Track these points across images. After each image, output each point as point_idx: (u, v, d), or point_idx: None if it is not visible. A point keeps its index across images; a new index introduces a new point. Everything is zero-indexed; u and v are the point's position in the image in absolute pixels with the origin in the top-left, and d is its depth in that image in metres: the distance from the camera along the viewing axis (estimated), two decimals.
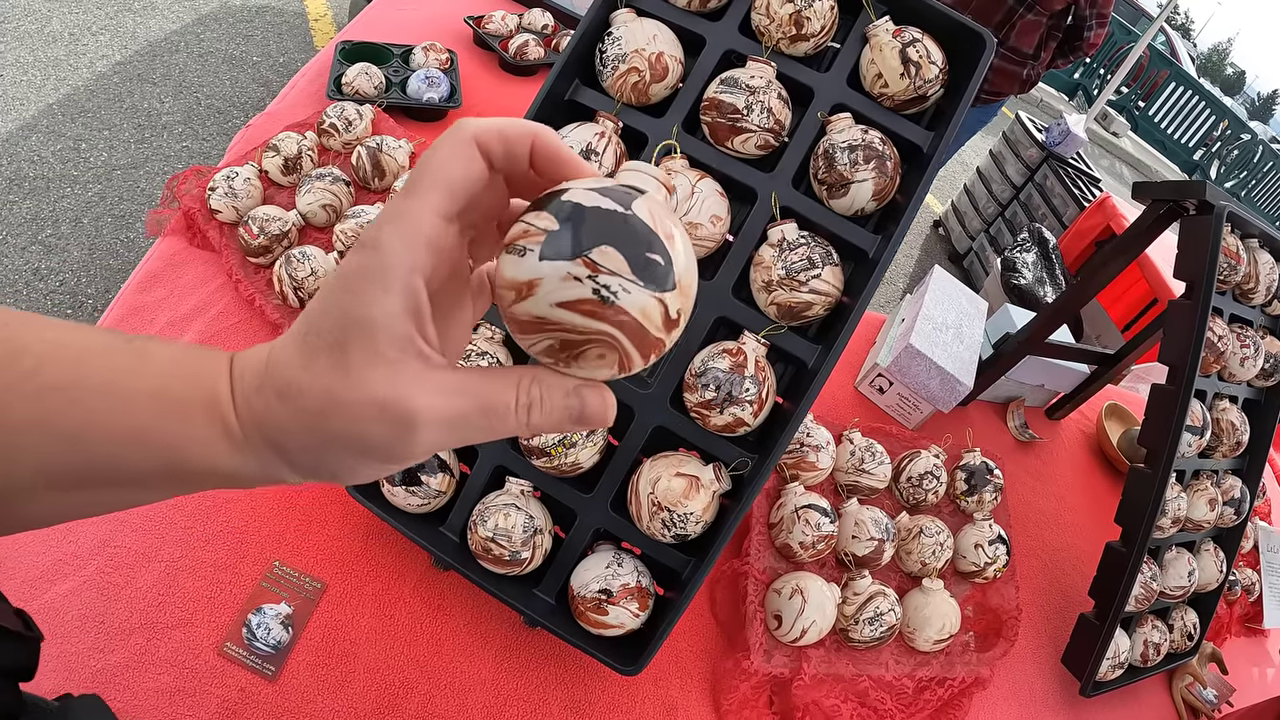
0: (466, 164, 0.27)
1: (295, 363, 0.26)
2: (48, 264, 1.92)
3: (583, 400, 0.29)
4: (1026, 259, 2.10)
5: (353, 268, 0.25)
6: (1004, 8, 2.18)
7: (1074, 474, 1.32)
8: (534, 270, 0.26)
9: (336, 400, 0.25)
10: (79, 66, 2.43)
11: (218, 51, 2.75)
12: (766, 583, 0.88)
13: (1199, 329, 0.95)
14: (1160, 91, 7.15)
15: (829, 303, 0.68)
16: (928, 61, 0.69)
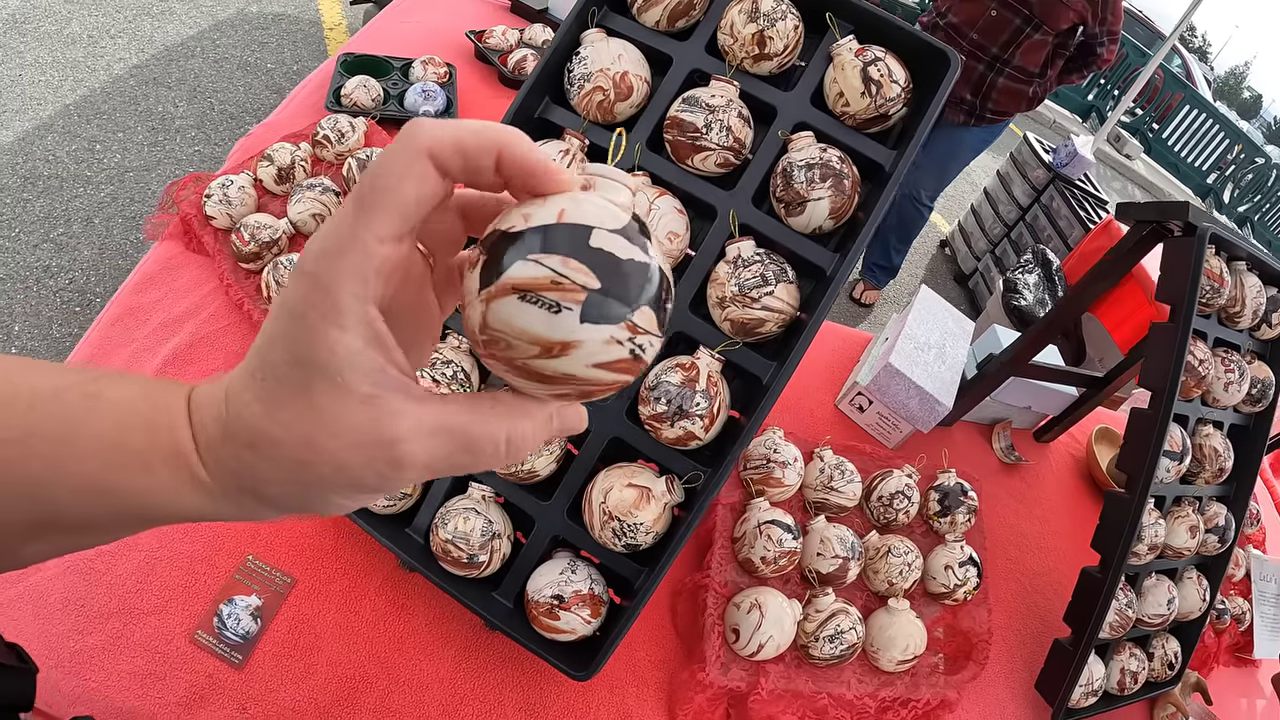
0: (418, 184, 0.25)
1: (257, 410, 0.25)
2: (58, 262, 2.01)
3: (562, 420, 0.30)
4: (1028, 280, 2.11)
5: (300, 304, 0.24)
6: (1010, 28, 2.23)
7: (1060, 498, 1.33)
8: (573, 332, 0.25)
9: (317, 448, 0.25)
10: (96, 69, 2.54)
11: (232, 58, 2.85)
12: (727, 596, 0.91)
13: (1179, 352, 0.96)
14: (1174, 114, 7.18)
15: (783, 319, 0.72)
16: (889, 80, 0.72)
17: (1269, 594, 1.32)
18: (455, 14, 1.87)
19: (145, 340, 1.05)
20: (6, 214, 2.04)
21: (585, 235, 0.25)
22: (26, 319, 1.87)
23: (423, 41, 1.69)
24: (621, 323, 0.25)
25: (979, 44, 2.34)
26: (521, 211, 0.26)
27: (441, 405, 0.26)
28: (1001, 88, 2.37)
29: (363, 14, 3.13)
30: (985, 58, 2.34)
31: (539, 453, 0.75)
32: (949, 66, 0.71)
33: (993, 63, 2.35)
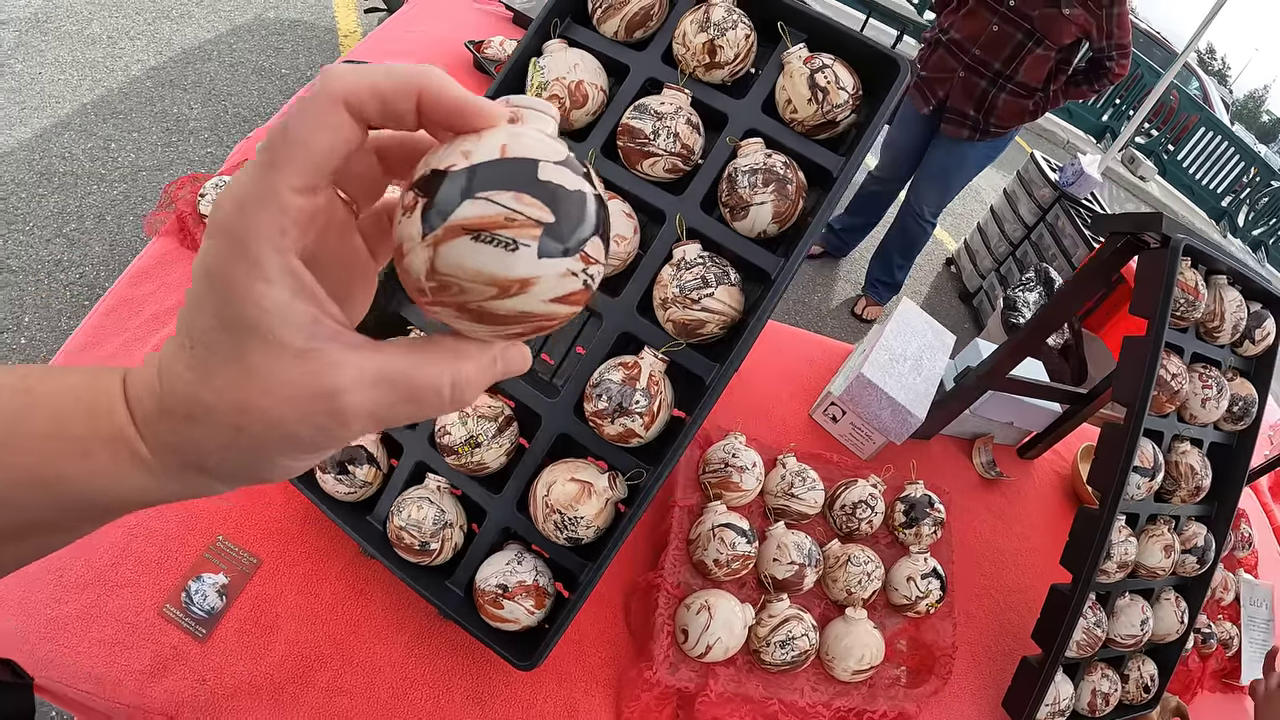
0: (332, 132, 0.25)
1: (188, 378, 0.25)
2: (70, 256, 2.11)
3: (507, 362, 0.30)
4: (1029, 299, 2.13)
5: (218, 263, 0.24)
6: (1012, 43, 2.28)
7: (1042, 515, 1.35)
8: (532, 269, 0.25)
9: (252, 410, 0.25)
10: (115, 69, 2.68)
11: (248, 62, 2.98)
12: (679, 597, 0.95)
13: (1150, 366, 0.98)
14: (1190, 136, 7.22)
15: (724, 321, 0.76)
16: (835, 87, 0.76)
17: (1259, 619, 1.32)
18: (458, 24, 1.95)
19: (137, 330, 1.12)
20: (21, 208, 2.16)
21: (533, 169, 0.25)
22: (36, 310, 1.97)
23: (425, 50, 1.78)
24: (577, 254, 0.26)
25: (981, 60, 2.39)
26: (459, 149, 0.26)
27: (381, 352, 0.26)
28: (1004, 103, 2.43)
29: (376, 21, 3.26)
30: (987, 73, 2.39)
31: (489, 445, 0.80)
32: (898, 73, 0.75)
33: (995, 78, 2.40)
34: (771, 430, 1.25)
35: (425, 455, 0.87)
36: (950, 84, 2.50)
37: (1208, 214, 7.30)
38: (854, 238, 3.34)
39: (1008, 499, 1.35)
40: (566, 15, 0.85)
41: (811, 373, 1.37)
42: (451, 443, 0.81)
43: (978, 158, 2.63)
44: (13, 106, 2.41)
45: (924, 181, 2.79)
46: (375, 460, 0.88)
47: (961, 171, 2.70)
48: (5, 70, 2.51)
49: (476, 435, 0.80)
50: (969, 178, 2.75)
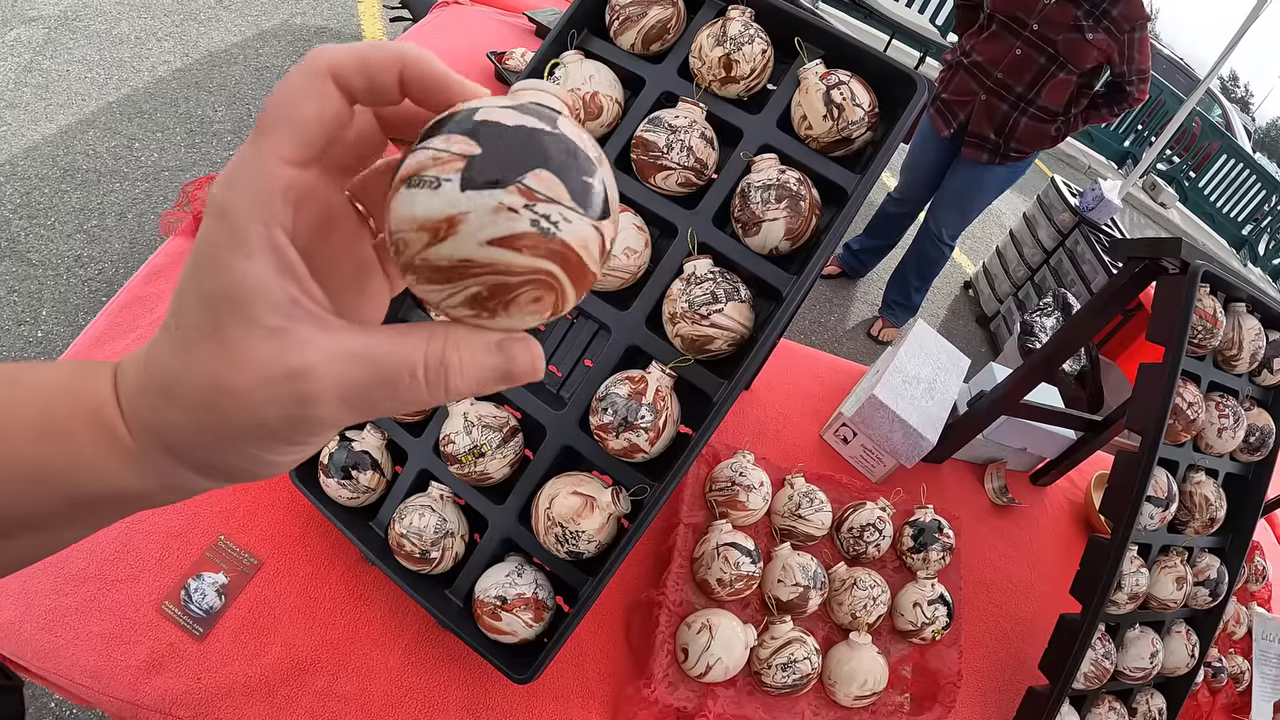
0: (320, 102, 0.25)
1: (169, 355, 0.24)
2: (89, 252, 2.14)
3: (509, 355, 0.27)
4: (1045, 324, 2.12)
5: (205, 239, 0.24)
6: (1035, 67, 2.29)
7: (1054, 543, 1.33)
8: (455, 203, 0.23)
9: (222, 388, 0.24)
10: (141, 69, 2.72)
11: (274, 67, 3.03)
12: (681, 616, 0.94)
13: (1165, 394, 0.97)
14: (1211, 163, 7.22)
15: (733, 338, 0.76)
16: (851, 104, 0.76)
17: (1271, 654, 1.29)
18: (481, 35, 1.97)
19: (149, 328, 1.13)
20: (44, 203, 2.20)
21: (471, 114, 0.25)
22: (54, 305, 2.00)
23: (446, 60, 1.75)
24: (510, 186, 0.23)
25: (1003, 83, 2.39)
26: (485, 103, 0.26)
27: (357, 334, 0.25)
28: (1025, 127, 2.42)
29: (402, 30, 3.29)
30: (1009, 97, 2.39)
31: (493, 455, 0.80)
32: (915, 91, 0.75)
33: (1017, 102, 2.40)
34: (781, 449, 1.24)
35: (429, 463, 0.87)
36: (971, 107, 2.50)
37: (1228, 242, 7.29)
38: (872, 259, 3.33)
39: (1019, 526, 1.33)
40: (584, 27, 0.85)
41: (824, 393, 1.36)
42: (455, 451, 0.81)
43: (997, 181, 2.63)
44: (39, 103, 2.45)
45: (943, 204, 2.79)
46: (379, 466, 0.88)
47: (981, 195, 2.70)
48: (33, 67, 2.56)
49: (480, 445, 0.80)
50: (988, 201, 2.74)
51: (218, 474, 0.27)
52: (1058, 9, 2.22)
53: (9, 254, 2.06)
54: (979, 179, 2.62)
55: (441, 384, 0.26)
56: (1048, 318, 2.17)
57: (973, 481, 1.35)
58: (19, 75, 2.51)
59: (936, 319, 3.63)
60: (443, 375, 0.26)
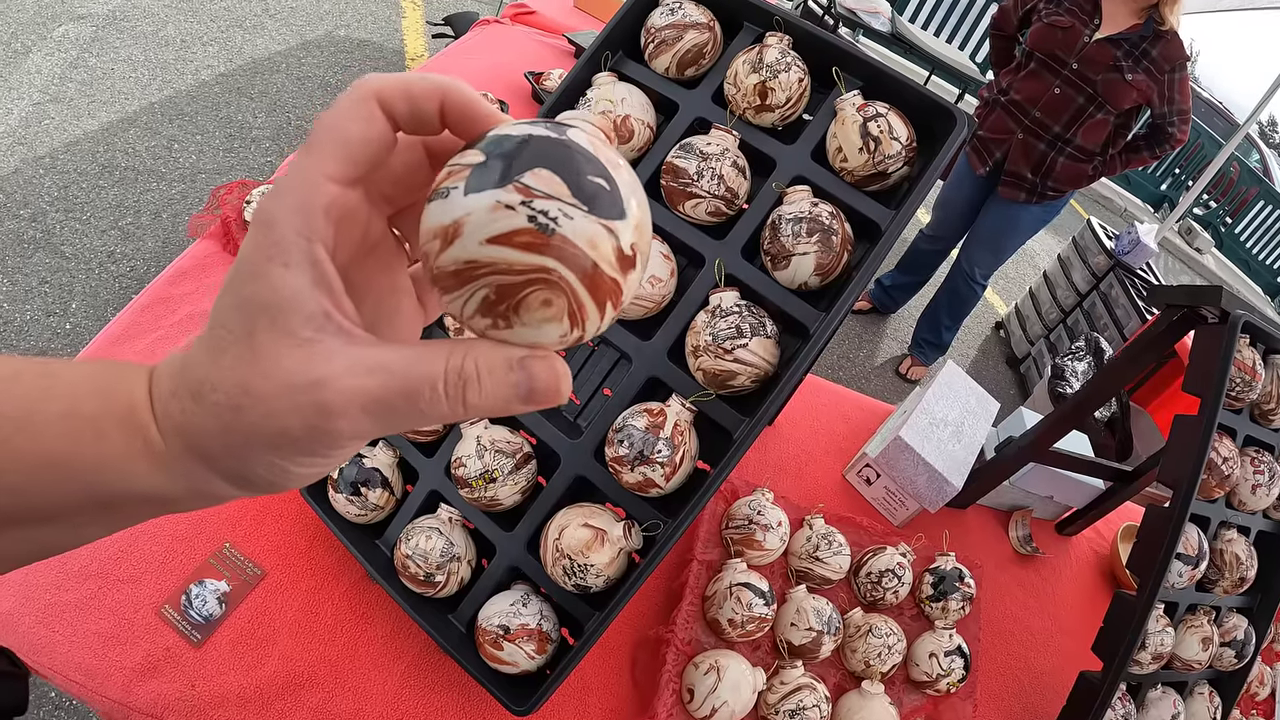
0: (365, 123, 0.26)
1: (203, 359, 0.25)
2: (123, 249, 2.17)
3: (530, 373, 0.26)
4: (1077, 368, 2.06)
5: (249, 249, 0.25)
6: (1073, 107, 2.26)
7: (1077, 596, 1.28)
8: (459, 208, 0.24)
9: (250, 392, 0.24)
10: (185, 72, 2.78)
11: (315, 77, 3.07)
12: (689, 655, 0.91)
13: (1200, 448, 0.93)
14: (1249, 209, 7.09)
15: (756, 374, 0.73)
16: (889, 137, 0.74)
17: None
18: (521, 54, 1.98)
19: (169, 330, 1.13)
20: (81, 198, 2.23)
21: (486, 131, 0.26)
22: (84, 299, 2.02)
23: (484, 77, 1.80)
24: (508, 185, 0.23)
25: (1041, 122, 2.35)
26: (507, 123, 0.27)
27: (381, 347, 0.25)
28: (1062, 166, 2.39)
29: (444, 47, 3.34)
30: (1047, 136, 2.35)
31: (504, 481, 0.78)
32: (955, 125, 0.72)
33: (1054, 141, 2.36)
34: (802, 487, 1.21)
35: (440, 485, 0.85)
36: (1008, 145, 2.46)
37: (1264, 290, 7.15)
38: (903, 295, 3.28)
39: (1042, 576, 1.28)
40: (619, 48, 0.84)
41: (849, 431, 1.33)
42: (466, 475, 0.79)
43: (1032, 221, 2.59)
44: (83, 99, 2.50)
45: (976, 242, 2.76)
46: (389, 484, 0.87)
47: (1015, 234, 2.67)
48: (79, 64, 2.62)
49: (492, 470, 0.78)
50: (1023, 240, 2.71)
51: (244, 482, 0.27)
52: (1097, 49, 2.19)
53: (43, 245, 2.09)
54: (1014, 218, 2.58)
55: (460, 398, 0.26)
56: (1079, 362, 2.11)
57: (996, 528, 1.31)
58: (65, 71, 2.57)
59: (966, 359, 3.57)
60: (461, 388, 0.25)
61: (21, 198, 2.17)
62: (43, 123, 2.37)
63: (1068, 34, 2.23)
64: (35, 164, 2.26)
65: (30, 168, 2.24)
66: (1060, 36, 2.24)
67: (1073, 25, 2.22)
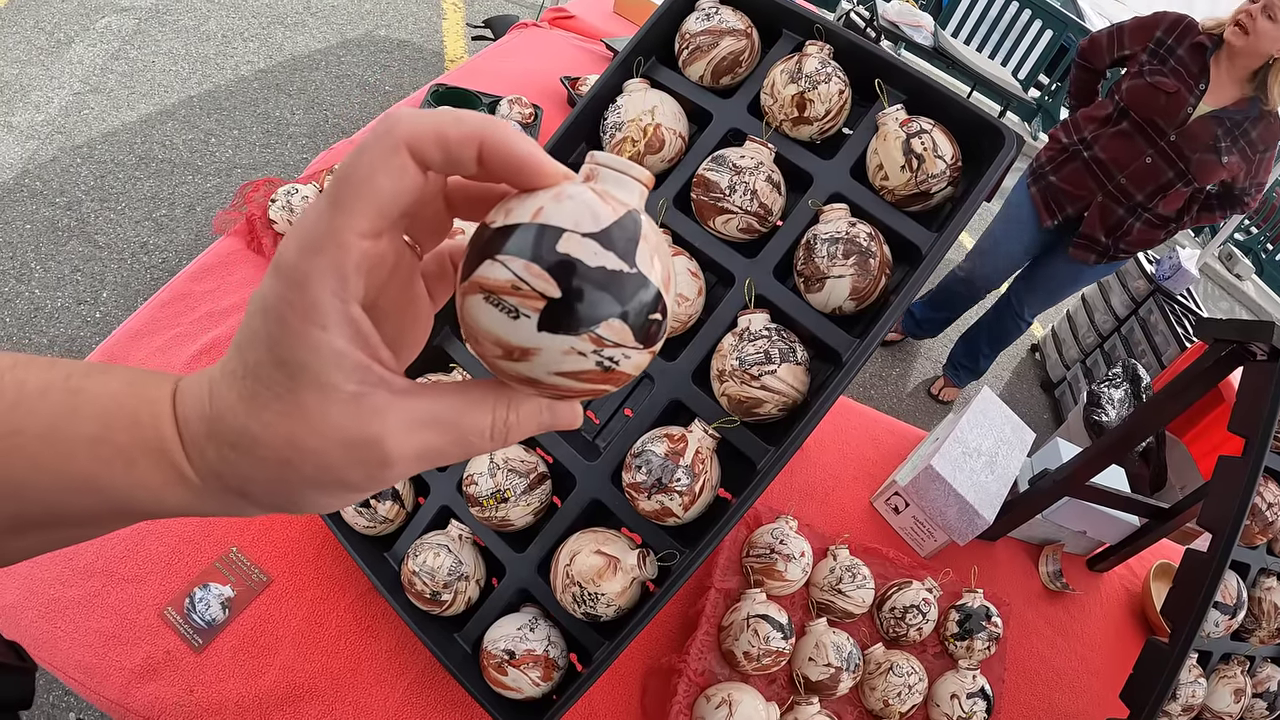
0: (396, 177, 0.24)
1: (239, 410, 0.25)
2: (156, 240, 2.18)
3: (556, 415, 0.30)
4: (1114, 395, 1.97)
5: (278, 304, 0.24)
6: (1163, 179, 2.10)
7: (1106, 636, 1.22)
8: (530, 340, 0.25)
9: (301, 447, 0.25)
10: (224, 67, 2.79)
11: (354, 75, 3.07)
12: (701, 686, 0.87)
13: (1245, 492, 0.87)
14: None
15: (784, 402, 0.69)
16: (933, 155, 0.69)
17: None
18: (557, 58, 1.95)
19: (188, 327, 1.12)
20: (117, 188, 2.24)
21: (555, 239, 0.24)
22: (115, 288, 2.03)
23: (520, 80, 1.77)
24: (583, 334, 0.25)
25: (1124, 189, 2.17)
26: (505, 207, 0.26)
27: (427, 398, 0.27)
28: (1138, 232, 2.24)
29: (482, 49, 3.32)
30: (1127, 203, 2.19)
31: (516, 502, 0.75)
32: (1004, 145, 0.68)
33: (1134, 208, 2.20)
34: (828, 514, 1.16)
35: (451, 500, 0.82)
36: (1084, 204, 2.28)
37: None
38: (934, 329, 3.08)
39: (1070, 614, 1.22)
40: (652, 54, 0.81)
41: (878, 456, 1.28)
42: (478, 494, 0.75)
43: (1095, 275, 2.45)
44: (123, 90, 2.52)
45: (1030, 290, 2.59)
46: (400, 498, 0.84)
47: (1075, 286, 2.53)
48: (120, 55, 2.64)
49: (504, 490, 0.74)
50: (1079, 290, 2.58)
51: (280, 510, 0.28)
52: (1200, 125, 1.99)
53: (77, 234, 2.10)
54: (1076, 273, 2.42)
55: (503, 440, 0.28)
56: (1116, 389, 2.03)
57: (1026, 562, 1.25)
58: (106, 62, 2.59)
59: (1000, 381, 3.47)
60: (505, 435, 0.28)
61: (58, 186, 2.18)
62: (82, 112, 2.39)
63: (1171, 101, 2.02)
64: (73, 153, 2.28)
65: (68, 156, 2.26)
66: (1164, 102, 2.03)
67: (1178, 91, 2.02)
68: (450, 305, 0.28)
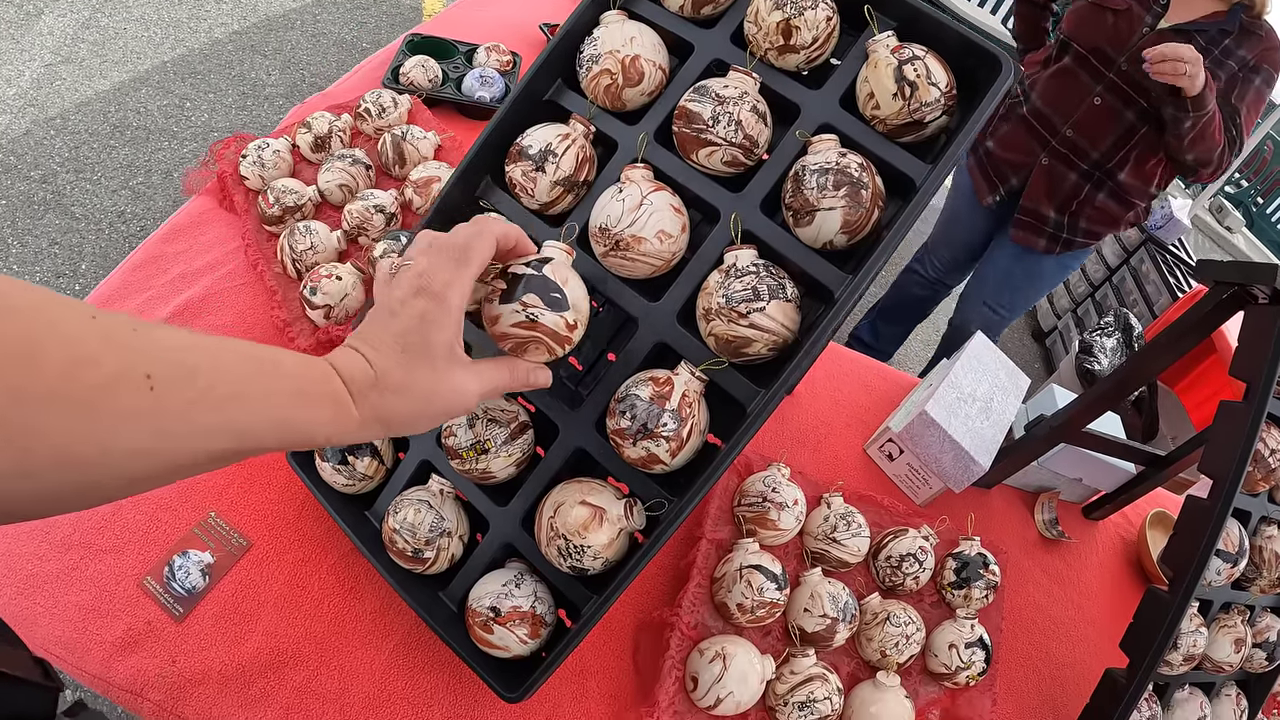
0: (490, 251, 0.54)
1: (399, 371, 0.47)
2: (133, 209, 2.12)
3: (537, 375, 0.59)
4: (1106, 344, 1.94)
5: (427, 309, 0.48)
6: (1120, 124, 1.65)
7: (1103, 584, 1.20)
8: (500, 310, 0.57)
9: (436, 392, 0.49)
10: (198, 30, 2.69)
11: (330, 34, 2.97)
12: (694, 640, 0.85)
13: (1248, 438, 0.84)
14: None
15: (774, 341, 0.65)
16: (926, 83, 0.64)
17: None
18: (536, 5, 1.88)
19: (161, 290, 1.07)
20: (92, 158, 2.17)
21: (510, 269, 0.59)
22: (94, 259, 1.98)
23: (495, 28, 1.70)
24: (515, 302, 0.57)
25: (1073, 144, 1.69)
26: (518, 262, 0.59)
27: (478, 365, 0.53)
28: (1099, 206, 1.75)
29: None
30: (1081, 164, 1.71)
31: (497, 453, 0.71)
32: (1000, 71, 0.63)
33: (1091, 172, 1.71)
34: (820, 462, 1.13)
35: (432, 454, 0.78)
36: (1027, 172, 1.79)
37: None
38: (891, 345, 2.52)
39: (1067, 562, 1.20)
40: None
41: (871, 403, 1.24)
42: (457, 445, 0.72)
43: (1054, 271, 1.94)
44: (94, 59, 2.44)
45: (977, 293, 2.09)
46: (379, 454, 0.80)
47: (1030, 287, 2.00)
48: (91, 24, 2.55)
49: (484, 441, 0.71)
50: (1040, 294, 2.05)
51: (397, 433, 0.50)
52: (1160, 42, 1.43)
53: (54, 206, 2.04)
54: (1029, 268, 1.93)
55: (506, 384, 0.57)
56: (1108, 338, 1.98)
57: (1022, 510, 1.23)
58: (77, 31, 2.50)
59: None
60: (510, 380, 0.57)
61: (33, 159, 2.11)
62: (54, 84, 2.31)
63: (1121, 20, 1.57)
64: (46, 125, 2.20)
65: (41, 129, 2.19)
66: (1111, 23, 1.57)
67: (1129, 8, 1.57)
68: None
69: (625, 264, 0.68)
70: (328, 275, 0.97)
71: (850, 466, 1.16)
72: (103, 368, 0.32)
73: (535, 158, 0.71)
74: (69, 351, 0.31)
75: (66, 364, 0.31)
